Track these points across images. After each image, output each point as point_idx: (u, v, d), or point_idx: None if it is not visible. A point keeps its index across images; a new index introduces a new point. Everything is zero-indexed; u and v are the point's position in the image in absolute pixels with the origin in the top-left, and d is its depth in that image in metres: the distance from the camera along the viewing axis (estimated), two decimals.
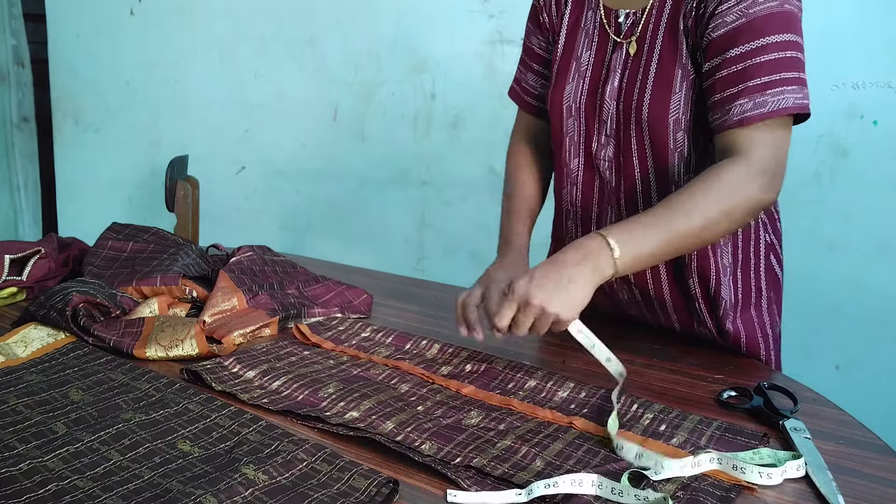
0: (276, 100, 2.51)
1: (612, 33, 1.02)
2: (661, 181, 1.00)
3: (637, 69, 0.98)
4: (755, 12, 0.88)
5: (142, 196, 2.79)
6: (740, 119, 0.88)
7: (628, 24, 1.00)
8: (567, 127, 1.06)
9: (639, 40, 0.99)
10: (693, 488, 0.68)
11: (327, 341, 1.02)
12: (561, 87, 1.06)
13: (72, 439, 0.72)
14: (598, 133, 1.03)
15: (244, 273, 1.17)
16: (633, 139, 1.00)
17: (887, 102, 1.73)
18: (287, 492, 0.65)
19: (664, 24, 0.97)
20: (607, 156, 1.03)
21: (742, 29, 0.88)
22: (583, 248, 0.85)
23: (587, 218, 1.09)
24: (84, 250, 1.29)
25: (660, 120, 0.96)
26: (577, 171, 1.08)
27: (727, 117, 0.89)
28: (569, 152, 1.07)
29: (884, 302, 1.80)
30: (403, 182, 2.38)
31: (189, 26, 2.58)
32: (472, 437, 0.76)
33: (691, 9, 0.94)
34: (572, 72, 1.05)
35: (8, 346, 0.94)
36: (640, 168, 1.01)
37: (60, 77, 2.83)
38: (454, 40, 2.20)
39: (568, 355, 1.01)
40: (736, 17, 0.89)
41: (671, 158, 0.98)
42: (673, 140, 0.97)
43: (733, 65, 0.89)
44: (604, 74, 1.02)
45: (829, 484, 0.69)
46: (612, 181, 1.04)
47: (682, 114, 0.96)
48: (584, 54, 1.05)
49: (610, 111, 1.01)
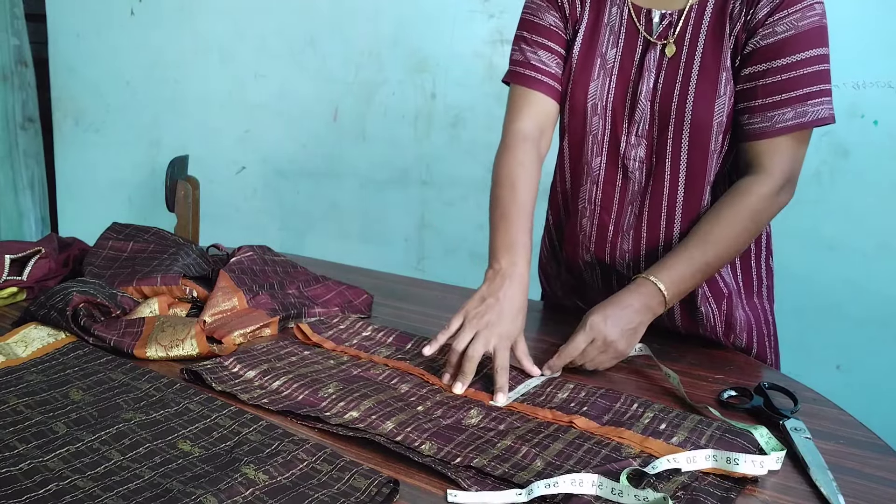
0: (276, 100, 2.51)
1: (645, 32, 1.01)
2: (691, 184, 1.00)
3: (675, 71, 0.98)
4: (804, 25, 0.92)
5: (142, 196, 2.80)
6: (782, 128, 0.93)
7: (663, 26, 1.00)
8: (591, 125, 1.05)
9: (677, 42, 0.99)
10: (693, 488, 0.68)
11: (328, 341, 1.02)
12: (585, 83, 1.04)
13: (72, 439, 0.72)
14: (629, 133, 1.03)
15: (244, 273, 1.17)
16: (670, 141, 1.00)
17: (888, 102, 1.74)
18: (287, 492, 0.65)
19: (706, 27, 0.98)
20: (638, 156, 1.03)
21: (790, 40, 0.92)
22: (642, 295, 0.94)
23: (605, 217, 1.07)
24: (84, 250, 1.29)
25: (704, 123, 0.97)
26: (598, 170, 1.06)
27: (768, 124, 0.94)
28: (591, 150, 1.06)
29: (884, 302, 1.80)
30: (404, 182, 2.38)
31: (189, 26, 2.58)
32: (472, 437, 0.76)
33: (739, 14, 0.95)
34: (597, 68, 1.04)
35: (8, 345, 0.94)
36: (672, 170, 1.01)
37: (60, 77, 2.83)
38: (454, 40, 2.21)
39: None
40: (786, 29, 0.92)
41: (709, 161, 0.99)
42: (714, 142, 0.98)
43: (779, 74, 0.93)
44: (635, 74, 1.01)
45: (829, 484, 0.69)
46: (640, 181, 1.04)
47: (725, 116, 0.97)
48: (610, 52, 1.03)
49: (644, 112, 1.01)
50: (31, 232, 3.01)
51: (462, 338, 0.90)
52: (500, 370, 0.87)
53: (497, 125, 1.13)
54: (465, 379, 0.88)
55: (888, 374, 1.82)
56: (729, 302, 1.06)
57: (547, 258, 1.24)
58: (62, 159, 2.92)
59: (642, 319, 0.94)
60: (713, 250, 0.95)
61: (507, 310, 0.92)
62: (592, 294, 1.15)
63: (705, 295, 1.05)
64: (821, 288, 1.84)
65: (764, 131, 0.94)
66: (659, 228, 1.04)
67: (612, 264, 1.09)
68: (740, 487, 0.69)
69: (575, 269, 1.15)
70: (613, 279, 1.11)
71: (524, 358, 0.94)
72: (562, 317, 1.18)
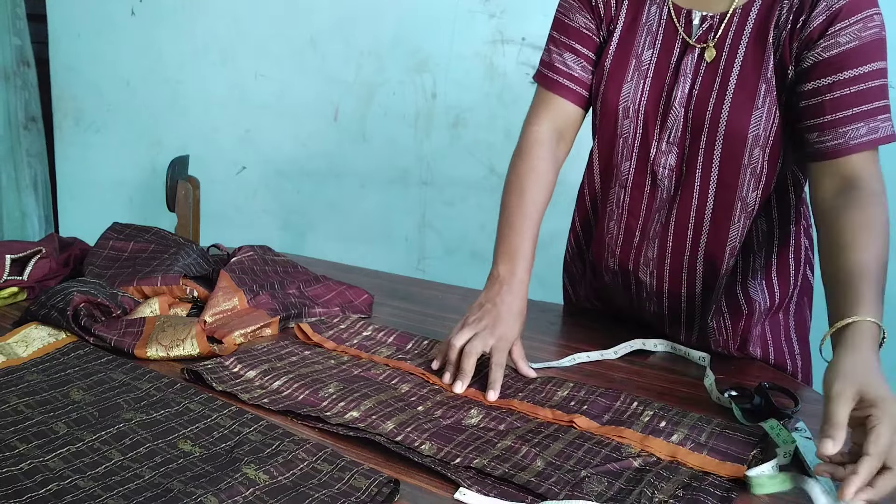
0: (276, 100, 2.51)
1: (684, 34, 0.97)
2: (721, 196, 0.97)
3: (713, 77, 0.94)
4: (867, 36, 0.87)
5: (143, 196, 2.80)
6: (856, 144, 0.87)
7: (703, 28, 0.96)
8: (622, 128, 1.01)
9: (717, 47, 0.95)
10: (693, 488, 0.68)
11: (329, 341, 1.02)
12: (618, 84, 1.00)
13: (73, 439, 0.72)
14: (660, 139, 0.99)
15: (245, 273, 1.17)
16: (702, 150, 0.96)
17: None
18: (288, 491, 0.65)
19: (749, 33, 0.93)
20: (668, 163, 0.99)
21: (855, 52, 0.87)
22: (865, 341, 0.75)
23: (633, 222, 1.05)
24: (85, 250, 1.29)
25: (739, 134, 0.93)
26: (627, 175, 1.03)
27: (843, 140, 0.87)
28: (621, 154, 1.03)
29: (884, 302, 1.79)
30: (404, 182, 2.38)
31: (190, 26, 2.58)
32: (472, 437, 0.76)
33: (786, 20, 0.90)
34: (631, 70, 1.00)
35: (9, 345, 0.94)
36: (702, 181, 0.97)
37: (61, 77, 2.83)
38: (455, 40, 2.20)
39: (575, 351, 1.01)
40: (849, 39, 0.87)
41: (741, 175, 0.95)
42: (748, 156, 0.94)
43: (847, 87, 0.87)
44: (670, 78, 0.97)
45: (829, 483, 0.69)
46: (669, 189, 1.01)
47: (762, 129, 0.93)
48: (646, 52, 0.99)
49: (677, 118, 0.97)
50: (35, 231, 3.01)
51: (461, 336, 0.91)
52: (494, 367, 0.88)
53: (498, 125, 1.13)
54: (464, 377, 0.88)
55: (888, 374, 1.81)
56: (749, 319, 1.03)
57: (572, 258, 1.22)
58: (63, 159, 2.92)
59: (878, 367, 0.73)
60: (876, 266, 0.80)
61: (505, 314, 0.93)
62: (616, 299, 1.14)
63: (720, 308, 1.03)
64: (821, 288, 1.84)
65: (838, 149, 0.88)
66: (686, 238, 1.01)
67: (635, 271, 1.06)
68: (740, 487, 0.69)
69: (599, 271, 1.14)
70: (633, 287, 1.09)
71: (520, 360, 0.94)
72: (582, 321, 1.18)
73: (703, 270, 1.02)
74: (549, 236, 1.30)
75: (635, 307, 1.12)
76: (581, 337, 1.07)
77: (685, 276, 1.03)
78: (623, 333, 1.06)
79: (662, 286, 1.05)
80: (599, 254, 1.11)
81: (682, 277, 1.03)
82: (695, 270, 1.02)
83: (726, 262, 1.00)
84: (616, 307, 1.16)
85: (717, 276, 1.01)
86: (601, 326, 1.13)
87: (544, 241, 1.24)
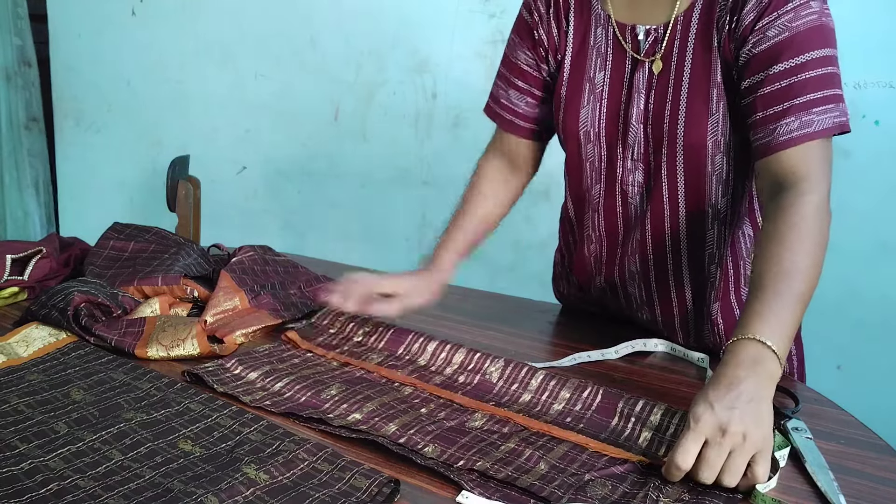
0: (277, 100, 2.51)
1: (631, 50, 0.96)
2: (692, 205, 0.96)
3: (665, 90, 0.93)
4: (797, 27, 0.84)
5: (143, 196, 2.80)
6: (787, 139, 0.84)
7: (649, 42, 0.95)
8: (587, 153, 1.01)
9: (664, 58, 0.93)
10: (698, 491, 0.68)
11: (318, 348, 1.00)
12: (575, 111, 1.00)
13: (73, 439, 0.72)
14: (624, 158, 0.98)
15: (245, 273, 1.17)
16: (664, 163, 0.95)
17: (888, 102, 1.73)
18: (288, 491, 0.65)
19: (692, 41, 0.92)
20: (636, 181, 0.99)
21: (784, 44, 0.84)
22: (746, 361, 0.72)
23: (613, 243, 1.05)
24: (85, 250, 1.29)
25: (698, 143, 0.92)
26: (598, 198, 1.03)
27: (772, 138, 0.85)
28: (590, 178, 1.03)
29: (884, 302, 1.80)
30: (405, 182, 2.37)
31: (190, 26, 2.58)
32: (476, 439, 0.76)
33: (724, 23, 0.89)
34: (586, 94, 0.99)
35: (9, 345, 0.94)
36: (670, 193, 0.96)
37: (61, 77, 2.83)
38: (455, 40, 2.20)
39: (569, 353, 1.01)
40: (778, 32, 0.85)
41: (707, 183, 0.94)
42: (711, 163, 0.93)
43: (777, 82, 0.85)
44: (625, 96, 0.96)
45: (830, 484, 0.69)
46: (640, 206, 1.01)
47: (720, 135, 0.91)
48: (598, 75, 0.99)
49: (637, 135, 0.96)
50: (37, 231, 3.01)
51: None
52: None
53: None
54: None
55: (888, 374, 1.82)
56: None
57: (559, 275, 1.24)
58: (63, 159, 2.92)
59: (759, 386, 0.71)
60: (798, 278, 0.78)
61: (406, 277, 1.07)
62: (610, 306, 1.14)
63: (715, 317, 1.03)
64: (821, 288, 1.83)
65: (767, 146, 0.85)
66: (665, 250, 1.00)
67: (623, 286, 1.07)
68: (745, 491, 0.68)
69: (587, 289, 1.15)
70: (622, 299, 1.10)
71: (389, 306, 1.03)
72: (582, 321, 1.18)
73: (689, 278, 1.02)
74: (550, 236, 1.30)
75: (628, 315, 1.12)
76: (581, 337, 1.07)
77: (673, 286, 1.03)
78: (623, 333, 1.06)
79: (652, 297, 1.05)
80: (583, 276, 1.13)
81: (670, 286, 1.03)
82: (681, 280, 1.02)
83: (707, 267, 1.00)
84: (611, 313, 1.16)
85: (704, 282, 1.01)
86: (601, 327, 1.13)
87: (544, 242, 1.24)
